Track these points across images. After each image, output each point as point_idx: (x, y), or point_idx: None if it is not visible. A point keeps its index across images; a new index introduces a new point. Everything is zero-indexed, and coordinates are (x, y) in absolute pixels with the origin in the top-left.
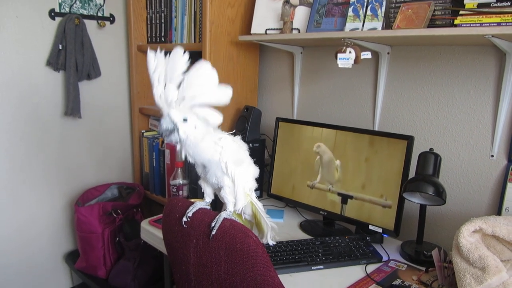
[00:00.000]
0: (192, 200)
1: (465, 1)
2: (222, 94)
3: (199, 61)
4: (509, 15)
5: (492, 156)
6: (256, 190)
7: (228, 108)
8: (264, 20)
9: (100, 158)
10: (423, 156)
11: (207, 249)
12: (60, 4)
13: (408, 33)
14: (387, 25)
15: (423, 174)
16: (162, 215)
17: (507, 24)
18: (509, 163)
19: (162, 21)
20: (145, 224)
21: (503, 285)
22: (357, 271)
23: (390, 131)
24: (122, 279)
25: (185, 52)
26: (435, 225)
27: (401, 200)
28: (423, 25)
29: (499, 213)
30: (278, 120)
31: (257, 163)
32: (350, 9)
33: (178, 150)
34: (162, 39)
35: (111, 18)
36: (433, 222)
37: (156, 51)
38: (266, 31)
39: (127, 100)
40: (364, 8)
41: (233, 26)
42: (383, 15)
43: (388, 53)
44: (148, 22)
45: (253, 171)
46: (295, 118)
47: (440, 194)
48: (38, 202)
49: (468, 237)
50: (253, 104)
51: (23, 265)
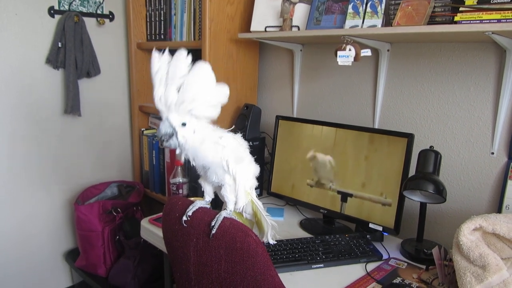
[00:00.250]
0: (192, 199)
1: None
2: (220, 94)
3: (198, 62)
4: (509, 11)
5: (493, 153)
6: (256, 188)
7: (228, 106)
8: (264, 18)
9: (100, 156)
10: (423, 154)
11: (207, 248)
12: (59, 2)
13: (408, 30)
14: (387, 22)
15: (423, 172)
16: (162, 213)
17: (507, 20)
18: (510, 160)
19: (162, 18)
20: (145, 223)
21: (503, 283)
22: (357, 270)
23: (390, 128)
24: (122, 277)
25: (188, 54)
26: (435, 223)
27: (401, 198)
28: (423, 22)
29: (499, 210)
30: (278, 118)
31: (257, 161)
32: (350, 6)
33: (177, 154)
34: (162, 36)
35: (110, 16)
36: (433, 220)
37: (161, 51)
38: (265, 28)
39: (127, 98)
40: (364, 5)
41: (232, 23)
42: (383, 12)
43: (388, 50)
44: (148, 20)
45: (254, 169)
46: (295, 116)
47: (440, 192)
48: (38, 200)
49: (468, 235)
50: (253, 102)
51: (23, 263)
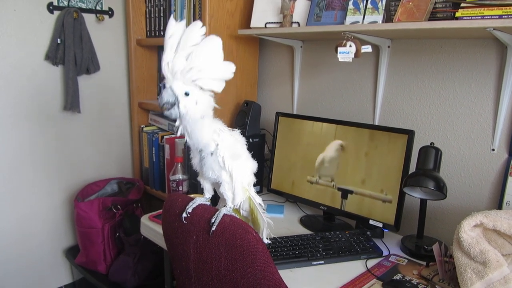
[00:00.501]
0: (192, 195)
1: None
2: (227, 69)
3: (210, 35)
4: (511, 7)
5: (493, 150)
6: (256, 185)
7: (228, 103)
8: (264, 14)
9: (99, 153)
10: (423, 151)
11: (207, 245)
12: None
13: (409, 26)
14: (388, 18)
15: (423, 169)
16: (162, 210)
17: (509, 16)
18: (510, 157)
19: (161, 14)
20: (145, 220)
21: (504, 279)
22: (357, 266)
23: (390, 125)
24: (122, 274)
25: (203, 26)
26: (436, 219)
27: (401, 195)
28: (424, 18)
29: (500, 207)
30: (278, 114)
31: (257, 158)
32: (351, 2)
33: (176, 125)
34: (162, 33)
35: (109, 12)
36: (434, 217)
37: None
38: (265, 24)
39: (126, 95)
40: (365, 1)
41: (232, 19)
42: (383, 8)
43: (388, 46)
44: (147, 16)
45: (251, 165)
46: (295, 113)
47: (440, 189)
48: (38, 197)
49: (469, 231)
50: (252, 98)
51: (23, 260)
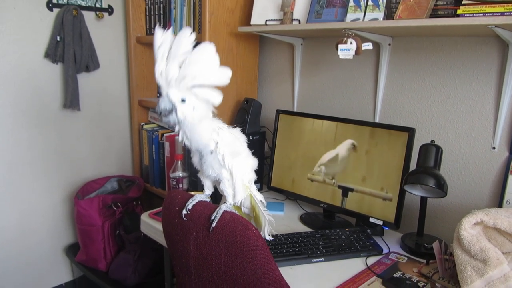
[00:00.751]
0: (191, 193)
1: None
2: (222, 75)
3: (203, 43)
4: None
5: (494, 148)
6: (256, 183)
7: (228, 100)
8: (264, 11)
9: (99, 151)
10: (424, 148)
11: (207, 241)
12: None
13: (410, 24)
14: (389, 15)
15: (424, 167)
16: (162, 208)
17: (511, 13)
18: (511, 155)
19: (161, 12)
20: (145, 217)
21: (504, 277)
22: (357, 264)
23: (391, 123)
24: (122, 271)
25: (192, 33)
26: (436, 217)
27: (402, 193)
28: (425, 15)
29: (500, 205)
30: (278, 112)
31: (257, 155)
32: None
33: (176, 131)
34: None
35: (109, 10)
36: (434, 215)
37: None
38: (266, 22)
39: (126, 93)
40: None
41: (232, 17)
42: (384, 5)
43: (389, 44)
44: (147, 14)
45: (252, 162)
46: (295, 110)
47: (441, 187)
48: (38, 195)
49: (469, 229)
50: (253, 96)
51: (24, 258)
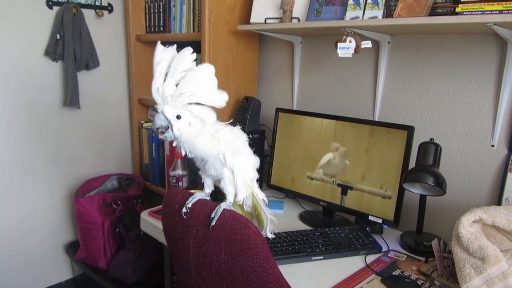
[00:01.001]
0: (191, 191)
1: None
2: (219, 98)
3: (203, 64)
4: (511, 2)
5: (493, 146)
6: (256, 181)
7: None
8: (264, 9)
9: (99, 149)
10: (423, 146)
11: (206, 240)
12: None
13: (409, 22)
14: (388, 13)
15: (423, 165)
16: (161, 206)
17: (509, 11)
18: (510, 153)
19: (161, 10)
20: (145, 215)
21: (502, 275)
22: (356, 262)
23: (390, 121)
24: (122, 269)
25: (193, 53)
26: (435, 215)
27: (401, 191)
28: (424, 13)
29: (499, 203)
30: (278, 110)
31: (257, 154)
32: None
33: (174, 146)
34: (161, 28)
35: (109, 8)
36: (433, 213)
37: (167, 45)
38: (265, 20)
39: (126, 91)
40: None
41: (232, 15)
42: (383, 3)
43: (388, 42)
44: (147, 12)
45: (253, 161)
46: (295, 109)
47: (440, 185)
48: (38, 193)
49: (468, 227)
50: (252, 94)
51: (24, 256)
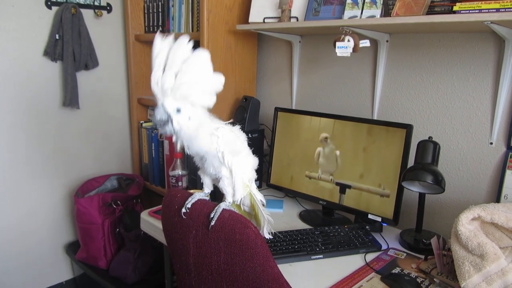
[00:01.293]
0: (191, 191)
1: None
2: (216, 82)
3: (197, 50)
4: (508, 1)
5: (491, 143)
6: (255, 180)
7: (227, 98)
8: (262, 9)
9: (99, 149)
10: (422, 145)
11: (206, 240)
12: None
13: (407, 21)
14: (386, 12)
15: (422, 163)
16: (161, 206)
17: (506, 10)
18: (508, 150)
19: (160, 10)
20: (145, 215)
21: (501, 272)
22: (356, 260)
23: (389, 119)
24: (122, 269)
25: (189, 41)
26: (434, 213)
27: (400, 189)
28: (422, 12)
29: (498, 200)
30: (277, 110)
31: (256, 153)
32: None
33: (174, 141)
34: (160, 28)
35: (108, 7)
36: (432, 211)
37: (165, 36)
38: (264, 19)
39: (125, 91)
40: None
41: (230, 14)
42: (381, 2)
43: (387, 41)
44: (146, 11)
45: (252, 161)
46: (294, 108)
47: (439, 183)
48: (38, 193)
49: (467, 224)
50: (251, 94)
51: (24, 256)
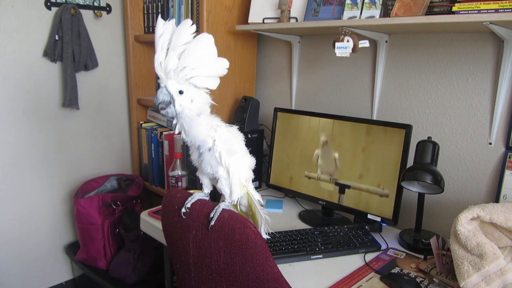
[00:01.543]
0: (191, 191)
1: None
2: (220, 66)
3: (201, 33)
4: (507, 1)
5: (490, 143)
6: (255, 180)
7: (226, 98)
8: (262, 9)
9: (98, 150)
10: (421, 145)
11: (206, 239)
12: None
13: (406, 21)
14: (385, 13)
15: (421, 163)
16: (161, 206)
17: (505, 10)
18: (507, 150)
19: (159, 10)
20: (144, 216)
21: (500, 271)
22: (356, 260)
23: (388, 119)
24: (122, 270)
25: (192, 24)
26: (433, 213)
27: (399, 189)
28: (421, 12)
29: (496, 200)
30: (276, 110)
31: (256, 153)
32: None
33: (173, 124)
34: None
35: (107, 8)
36: (431, 211)
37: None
38: (263, 20)
39: (125, 91)
40: None
41: (230, 15)
42: (381, 3)
43: (386, 41)
44: (145, 12)
45: (249, 161)
46: (293, 108)
47: (438, 183)
48: (37, 194)
49: (466, 224)
50: (251, 94)
51: (24, 257)
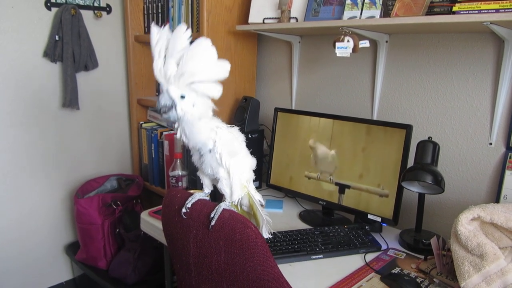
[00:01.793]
0: (191, 191)
1: None
2: (220, 70)
3: (198, 38)
4: (507, 1)
5: (491, 144)
6: (255, 180)
7: (227, 99)
8: (262, 9)
9: (99, 150)
10: (421, 145)
11: (206, 239)
12: None
13: (406, 21)
14: (385, 13)
15: (421, 163)
16: (161, 206)
17: (506, 10)
18: (508, 150)
19: (159, 11)
20: (144, 215)
21: (501, 272)
22: (356, 260)
23: (388, 120)
24: (122, 270)
25: (187, 29)
26: (434, 213)
27: (399, 189)
28: (421, 12)
29: (497, 200)
30: (277, 110)
31: (256, 153)
32: None
33: (175, 128)
34: None
35: (107, 8)
36: (432, 211)
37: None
38: (263, 20)
39: (125, 91)
40: None
41: (230, 15)
42: (381, 3)
43: (386, 41)
44: (145, 12)
45: (250, 162)
46: (293, 108)
47: (438, 183)
48: (38, 194)
49: (466, 225)
50: (251, 94)
51: (24, 257)
